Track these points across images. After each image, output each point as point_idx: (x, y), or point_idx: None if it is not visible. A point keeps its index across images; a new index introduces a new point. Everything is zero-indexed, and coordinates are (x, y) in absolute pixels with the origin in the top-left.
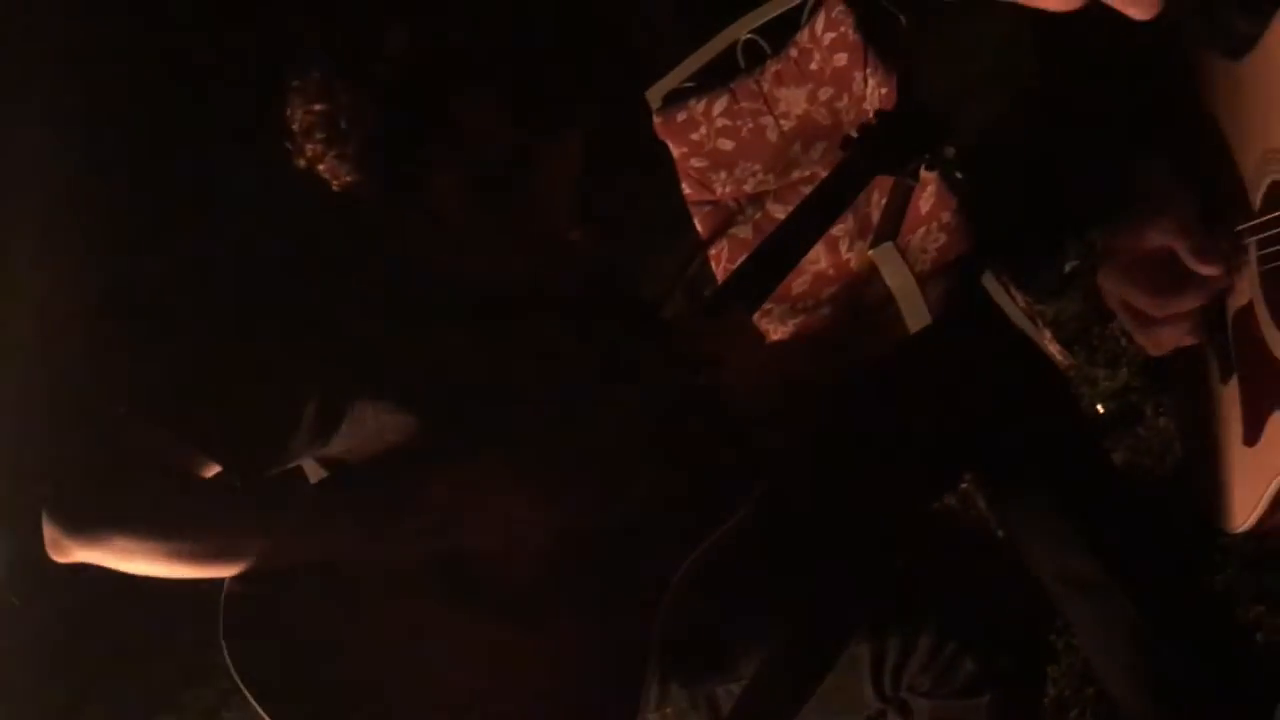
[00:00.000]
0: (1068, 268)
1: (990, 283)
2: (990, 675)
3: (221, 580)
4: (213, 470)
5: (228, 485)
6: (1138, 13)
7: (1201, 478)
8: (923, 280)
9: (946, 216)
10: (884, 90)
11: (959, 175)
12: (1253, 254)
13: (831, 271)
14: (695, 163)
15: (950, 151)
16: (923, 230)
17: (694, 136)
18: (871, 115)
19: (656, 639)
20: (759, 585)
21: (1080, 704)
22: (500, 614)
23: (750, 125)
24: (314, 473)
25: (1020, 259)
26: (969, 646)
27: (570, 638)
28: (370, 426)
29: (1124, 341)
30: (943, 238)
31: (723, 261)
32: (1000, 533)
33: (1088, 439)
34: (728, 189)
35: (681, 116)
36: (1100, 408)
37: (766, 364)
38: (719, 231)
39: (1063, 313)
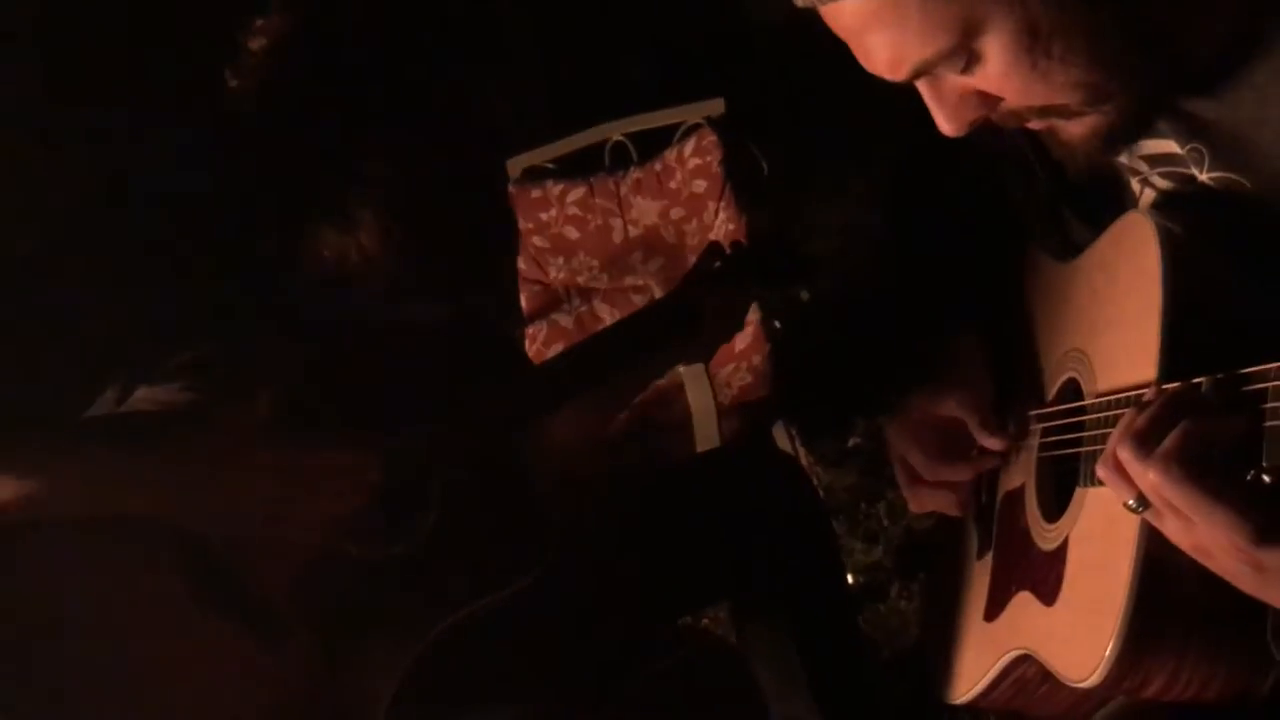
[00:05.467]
0: (851, 442)
1: (779, 432)
2: None
3: None
4: None
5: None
6: (944, 127)
7: (935, 644)
8: (720, 412)
9: (757, 360)
10: (731, 226)
11: (777, 325)
12: (1035, 441)
13: None
14: (537, 241)
15: (804, 295)
16: (732, 366)
17: (543, 216)
18: (744, 238)
19: (387, 695)
20: (504, 666)
21: None
22: (239, 620)
23: (599, 222)
24: None
25: (812, 421)
26: None
27: (301, 667)
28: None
29: (886, 522)
30: (748, 378)
31: (538, 342)
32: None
33: (842, 595)
34: (561, 275)
35: (536, 193)
36: (850, 578)
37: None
38: (541, 313)
39: (837, 482)
